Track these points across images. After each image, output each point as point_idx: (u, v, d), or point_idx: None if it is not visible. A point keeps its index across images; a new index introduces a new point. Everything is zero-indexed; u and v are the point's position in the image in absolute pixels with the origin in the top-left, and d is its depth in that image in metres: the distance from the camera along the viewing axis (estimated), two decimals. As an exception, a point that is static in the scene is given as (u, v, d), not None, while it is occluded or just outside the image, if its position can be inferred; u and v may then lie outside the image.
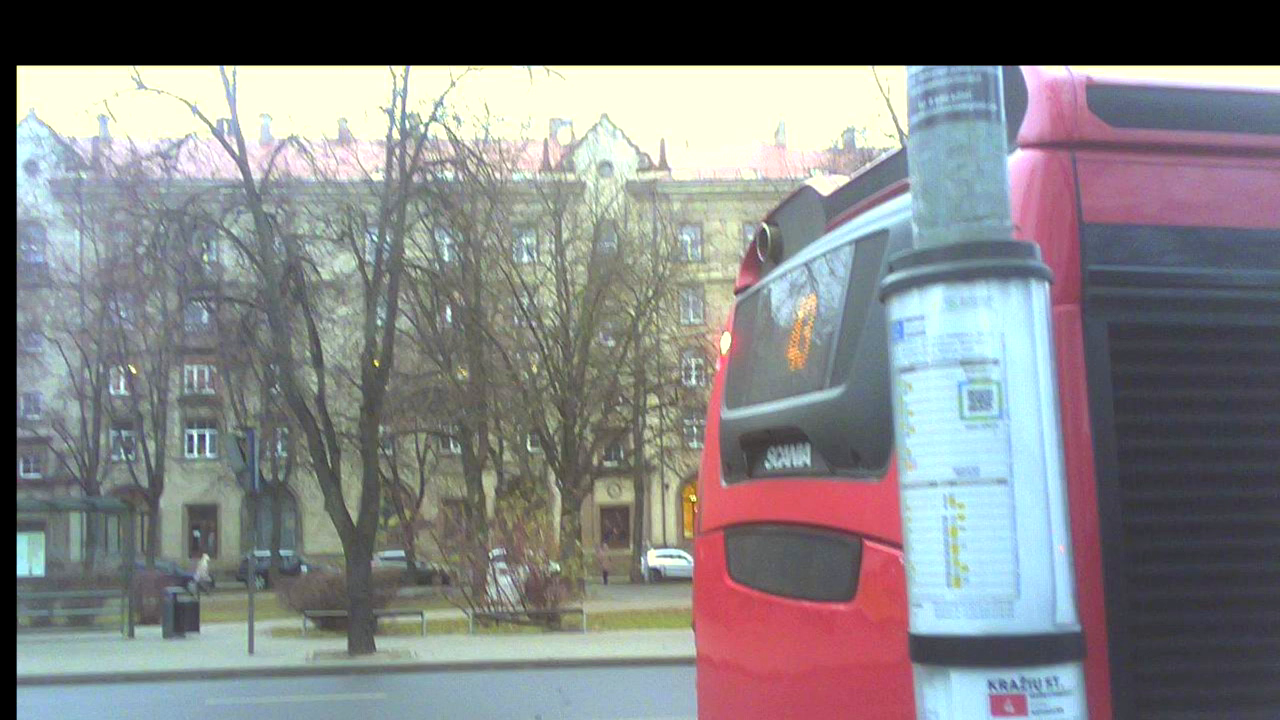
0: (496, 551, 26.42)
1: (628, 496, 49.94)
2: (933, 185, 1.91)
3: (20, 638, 19.36)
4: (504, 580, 25.54)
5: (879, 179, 3.14)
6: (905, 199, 2.85)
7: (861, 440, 2.73)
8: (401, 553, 42.89)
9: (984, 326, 1.79)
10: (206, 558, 45.04)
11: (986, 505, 1.74)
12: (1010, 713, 1.68)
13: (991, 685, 1.69)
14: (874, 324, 2.75)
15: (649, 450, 46.80)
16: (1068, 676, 1.72)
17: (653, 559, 46.85)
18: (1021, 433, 1.74)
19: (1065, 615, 1.74)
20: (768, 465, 3.42)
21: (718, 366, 4.27)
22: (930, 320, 1.82)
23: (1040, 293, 1.82)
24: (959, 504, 1.75)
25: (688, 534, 51.49)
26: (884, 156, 3.33)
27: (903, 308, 1.87)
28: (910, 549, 1.83)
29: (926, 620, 1.78)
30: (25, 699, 12.88)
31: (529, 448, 41.23)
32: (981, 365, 1.77)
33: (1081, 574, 1.87)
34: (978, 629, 1.72)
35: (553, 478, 40.03)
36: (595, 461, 42.24)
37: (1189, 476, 2.29)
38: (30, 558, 24.68)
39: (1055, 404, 1.79)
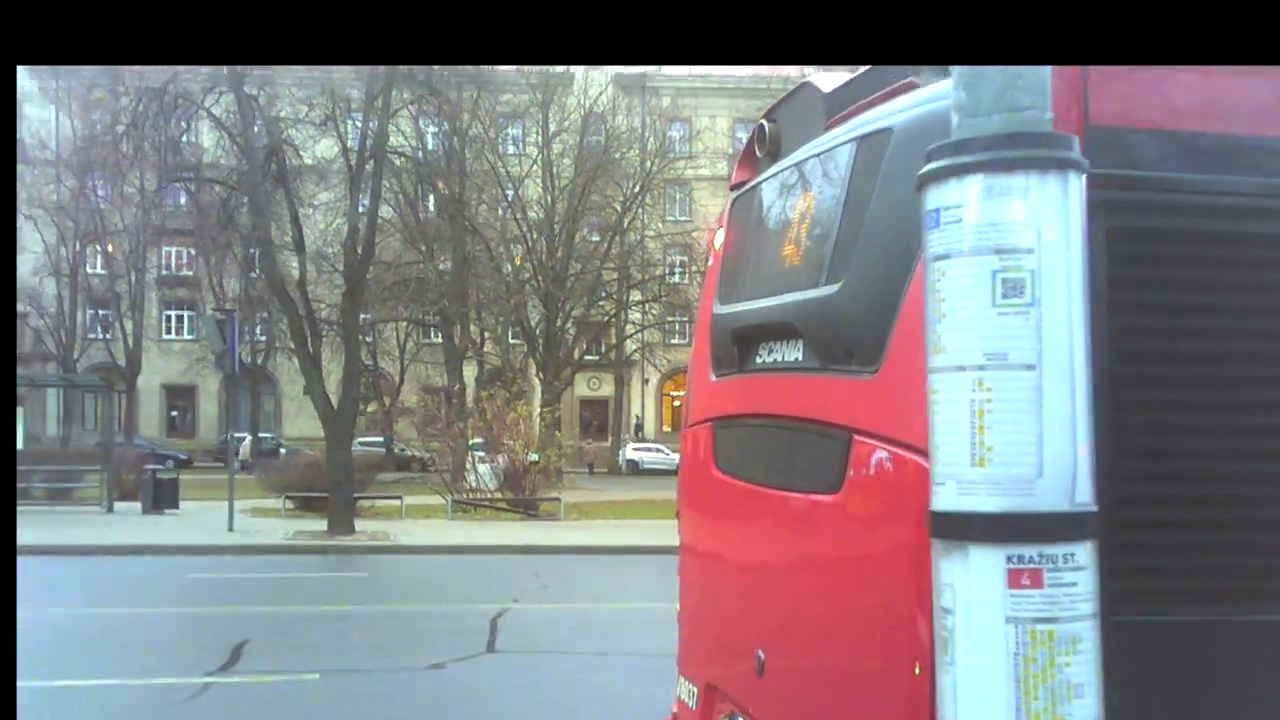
0: (476, 440, 26.71)
1: (607, 390, 50.34)
2: (976, 73, 1.91)
3: None
4: (483, 468, 25.89)
5: (882, 77, 3.10)
6: (908, 98, 2.84)
7: (855, 337, 2.74)
8: (380, 438, 43.22)
9: (1020, 216, 1.81)
10: (249, 437, 43.52)
11: (1014, 389, 1.78)
12: (1027, 585, 1.76)
13: (1009, 559, 1.76)
14: (873, 222, 2.76)
15: (630, 345, 47.04)
16: (1084, 553, 1.79)
17: (630, 452, 47.47)
18: (1052, 320, 1.78)
19: (1084, 495, 1.80)
20: (759, 360, 3.42)
21: (709, 262, 4.25)
22: (967, 209, 1.84)
23: (1077, 185, 1.84)
24: (987, 387, 1.80)
25: (666, 429, 52.06)
26: None
27: (940, 196, 1.89)
28: (935, 430, 1.88)
29: (948, 497, 1.84)
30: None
31: (510, 339, 41.34)
32: (1015, 254, 1.80)
33: None
34: (998, 506, 1.78)
35: (533, 369, 40.23)
36: (576, 355, 42.45)
37: (1179, 379, 2.35)
38: (8, 432, 24.71)
39: (1086, 294, 1.83)
